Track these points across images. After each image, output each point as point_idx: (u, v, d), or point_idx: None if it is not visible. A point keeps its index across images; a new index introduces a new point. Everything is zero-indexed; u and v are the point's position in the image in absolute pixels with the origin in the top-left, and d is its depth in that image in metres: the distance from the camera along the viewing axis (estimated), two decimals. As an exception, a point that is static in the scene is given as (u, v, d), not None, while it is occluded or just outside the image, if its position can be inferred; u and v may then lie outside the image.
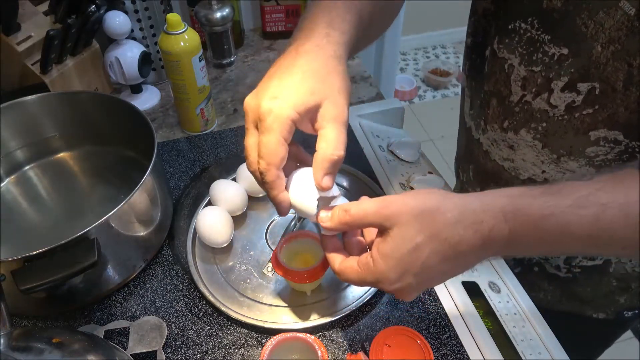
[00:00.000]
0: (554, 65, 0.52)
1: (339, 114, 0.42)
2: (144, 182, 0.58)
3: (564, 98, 0.52)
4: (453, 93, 2.62)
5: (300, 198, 0.44)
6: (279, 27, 1.09)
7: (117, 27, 0.84)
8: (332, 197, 0.45)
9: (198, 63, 0.76)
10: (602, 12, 0.46)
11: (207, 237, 0.63)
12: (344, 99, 0.43)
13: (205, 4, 0.93)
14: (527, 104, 0.56)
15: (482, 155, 0.67)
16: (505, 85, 0.58)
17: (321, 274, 0.55)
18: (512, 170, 0.63)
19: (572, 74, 0.51)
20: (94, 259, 0.50)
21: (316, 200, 0.44)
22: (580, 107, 0.52)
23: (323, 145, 0.42)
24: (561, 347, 0.55)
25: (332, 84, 0.43)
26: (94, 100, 0.74)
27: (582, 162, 0.55)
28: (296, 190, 0.45)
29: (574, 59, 0.50)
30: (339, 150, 0.42)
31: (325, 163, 0.42)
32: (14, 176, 0.74)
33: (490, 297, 0.58)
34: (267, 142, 0.41)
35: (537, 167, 0.60)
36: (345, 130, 0.43)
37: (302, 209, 0.45)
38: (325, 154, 0.42)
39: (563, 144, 0.55)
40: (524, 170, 0.61)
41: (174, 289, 0.61)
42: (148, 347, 0.53)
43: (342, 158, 0.42)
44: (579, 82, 0.50)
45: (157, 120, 0.90)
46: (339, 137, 0.42)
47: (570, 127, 0.54)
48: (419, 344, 0.51)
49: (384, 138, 0.81)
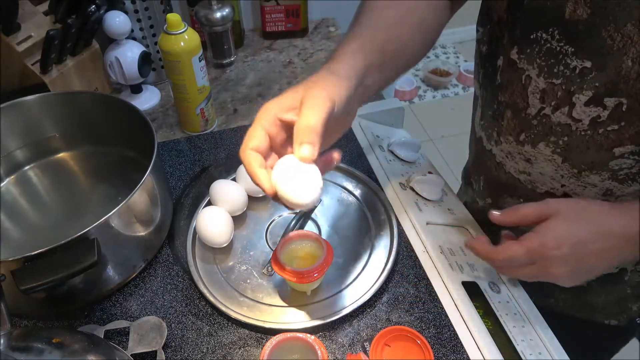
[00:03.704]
0: (576, 78, 0.49)
1: (316, 96, 0.43)
2: (144, 182, 0.58)
3: (588, 112, 0.50)
4: (453, 93, 2.62)
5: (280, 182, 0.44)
6: (279, 27, 1.09)
7: (117, 27, 0.84)
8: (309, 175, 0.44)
9: (198, 63, 0.76)
10: (631, 25, 0.44)
11: (207, 237, 0.63)
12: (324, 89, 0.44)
13: (205, 4, 0.93)
14: (546, 117, 0.54)
15: (495, 166, 0.65)
16: (522, 97, 0.56)
17: (321, 274, 0.55)
18: (528, 183, 0.61)
19: (597, 88, 0.48)
20: (94, 259, 0.50)
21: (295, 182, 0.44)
22: (605, 122, 0.50)
23: (297, 119, 0.44)
24: (561, 347, 0.55)
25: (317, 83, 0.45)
26: (94, 100, 0.74)
27: (605, 175, 0.53)
28: (276, 173, 0.45)
29: (598, 73, 0.48)
30: (308, 119, 0.42)
31: (297, 132, 0.43)
32: (14, 176, 0.74)
33: (490, 297, 0.58)
34: (249, 129, 0.46)
35: (556, 181, 0.57)
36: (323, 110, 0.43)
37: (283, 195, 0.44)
38: (297, 124, 0.43)
39: (585, 158, 0.53)
40: (542, 183, 0.59)
41: (174, 289, 0.61)
42: (148, 347, 0.53)
43: (312, 128, 0.42)
44: (605, 97, 0.48)
45: (157, 120, 0.90)
46: (310, 111, 0.43)
47: (593, 142, 0.52)
48: (419, 344, 0.51)
49: (384, 138, 0.81)
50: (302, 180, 0.44)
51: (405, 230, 0.66)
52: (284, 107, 0.45)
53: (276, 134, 0.46)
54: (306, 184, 0.44)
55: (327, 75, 0.46)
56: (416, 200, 0.70)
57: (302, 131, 0.43)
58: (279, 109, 0.45)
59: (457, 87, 2.66)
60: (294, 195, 0.44)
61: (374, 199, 0.71)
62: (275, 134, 0.46)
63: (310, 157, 0.43)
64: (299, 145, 0.43)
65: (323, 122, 0.42)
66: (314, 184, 0.44)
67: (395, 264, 0.62)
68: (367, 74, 0.49)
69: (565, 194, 0.57)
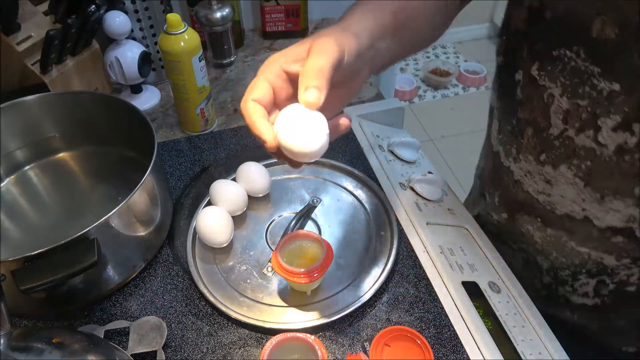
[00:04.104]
0: (603, 101, 0.46)
1: (325, 43, 0.41)
2: (144, 182, 0.58)
3: (614, 138, 0.47)
4: (453, 93, 2.62)
5: (283, 131, 0.41)
6: (279, 27, 1.09)
7: (117, 27, 0.84)
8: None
9: (198, 63, 0.76)
10: None
11: (207, 237, 0.63)
12: (333, 39, 0.41)
13: (205, 4, 0.93)
14: (569, 139, 0.51)
15: (513, 184, 0.61)
16: (544, 116, 0.52)
17: (321, 274, 0.55)
18: (547, 204, 0.57)
19: (625, 113, 0.45)
20: (94, 259, 0.50)
21: (299, 130, 0.40)
22: (632, 149, 0.46)
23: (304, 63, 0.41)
24: (561, 347, 0.55)
25: (326, 34, 0.43)
26: (94, 100, 0.74)
27: (630, 202, 0.50)
28: (278, 122, 0.41)
29: (627, 97, 0.45)
30: (315, 61, 0.40)
31: (302, 76, 0.40)
32: (14, 176, 0.74)
33: (490, 297, 0.58)
34: (252, 80, 0.43)
35: (577, 204, 0.54)
36: (331, 55, 0.40)
37: (285, 144, 0.41)
38: (303, 68, 0.41)
39: (608, 184, 0.50)
40: (562, 205, 0.56)
41: (174, 289, 0.61)
42: (148, 347, 0.53)
43: (319, 70, 0.40)
44: (634, 123, 0.45)
45: (157, 120, 0.90)
46: (318, 55, 0.40)
47: (618, 169, 0.48)
48: (419, 344, 0.51)
49: (384, 138, 0.81)
50: (307, 127, 0.40)
51: (405, 230, 0.66)
52: (290, 58, 0.42)
53: (281, 88, 0.43)
54: (311, 131, 0.40)
55: (336, 29, 0.44)
56: (416, 200, 0.70)
57: (308, 74, 0.39)
58: (285, 60, 0.42)
59: (457, 87, 2.66)
60: (297, 143, 0.40)
61: (374, 199, 0.71)
62: (279, 87, 0.43)
63: (317, 103, 0.39)
64: (304, 90, 0.39)
65: (331, 66, 0.39)
66: (320, 131, 0.40)
67: (395, 264, 0.62)
68: (379, 36, 0.47)
69: (586, 217, 0.54)
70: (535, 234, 0.60)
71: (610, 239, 0.53)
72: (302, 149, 0.40)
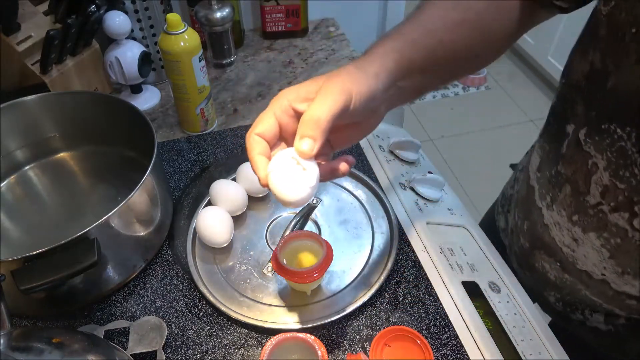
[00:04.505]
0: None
1: (330, 89, 0.41)
2: (144, 182, 0.58)
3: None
4: (453, 93, 2.62)
5: (273, 173, 0.42)
6: (279, 27, 1.09)
7: (117, 27, 0.84)
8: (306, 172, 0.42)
9: (198, 63, 0.76)
10: None
11: (207, 237, 0.63)
12: (342, 83, 0.41)
13: (205, 4, 0.93)
14: (603, 214, 0.48)
15: (541, 224, 0.59)
16: (585, 182, 0.49)
17: (321, 274, 0.55)
18: (570, 256, 0.55)
19: None
20: (94, 259, 0.50)
21: (287, 177, 0.41)
22: None
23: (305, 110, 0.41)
24: (561, 347, 0.55)
25: (339, 75, 0.42)
26: (94, 100, 0.74)
27: None
28: (273, 163, 0.42)
29: None
30: (315, 111, 0.40)
31: (301, 124, 0.41)
32: (14, 176, 0.74)
33: (490, 297, 0.58)
34: (261, 113, 0.44)
35: (597, 268, 0.52)
36: (334, 105, 0.40)
37: (271, 187, 0.42)
38: (303, 115, 0.41)
39: (632, 264, 0.49)
40: (583, 264, 0.54)
41: (174, 289, 0.61)
42: (148, 347, 0.53)
43: (317, 121, 0.40)
44: None
45: (157, 120, 0.90)
46: (320, 103, 0.40)
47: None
48: (419, 344, 0.51)
49: (384, 138, 0.81)
50: (294, 175, 0.41)
51: (405, 230, 0.66)
52: (299, 97, 0.43)
53: (287, 123, 0.43)
54: (297, 180, 0.41)
55: (351, 69, 0.43)
56: (416, 200, 0.70)
57: (305, 123, 0.40)
58: (294, 98, 0.43)
59: (457, 87, 2.66)
60: (281, 189, 0.41)
61: (374, 199, 0.71)
62: (286, 123, 0.43)
63: (309, 153, 0.40)
64: (299, 138, 0.40)
65: (331, 117, 0.40)
66: (305, 183, 0.41)
67: (395, 264, 0.62)
68: (404, 75, 0.46)
69: (604, 280, 0.53)
70: (551, 272, 0.60)
71: (625, 301, 0.53)
72: (285, 197, 0.42)
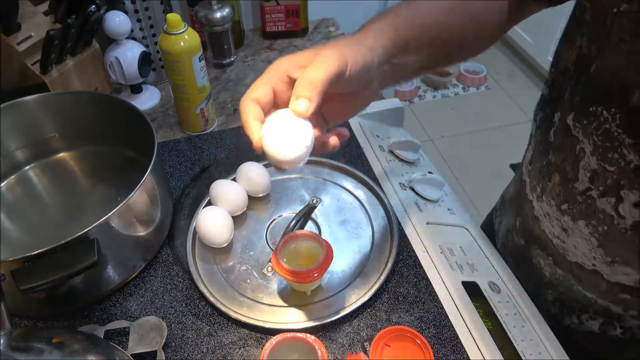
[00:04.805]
0: (629, 173, 0.44)
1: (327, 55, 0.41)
2: (144, 182, 0.58)
3: (633, 213, 0.45)
4: (453, 93, 2.62)
5: (267, 134, 0.42)
6: (279, 27, 1.09)
7: (117, 27, 0.84)
8: None
9: (198, 63, 0.76)
10: None
11: (207, 237, 0.63)
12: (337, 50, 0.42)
13: (205, 4, 0.93)
14: (592, 200, 0.49)
15: (532, 217, 0.60)
16: (573, 168, 0.50)
17: (321, 274, 0.55)
18: (560, 248, 0.56)
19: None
20: (94, 259, 0.50)
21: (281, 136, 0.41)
22: None
23: None
24: (561, 347, 0.55)
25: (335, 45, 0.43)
26: (94, 100, 0.74)
27: (637, 268, 0.49)
28: (267, 124, 0.42)
29: None
30: (311, 72, 0.40)
31: (296, 85, 0.41)
32: (14, 176, 0.74)
33: (490, 297, 0.58)
34: (256, 80, 0.44)
35: (587, 259, 0.53)
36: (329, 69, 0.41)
37: (266, 148, 0.42)
38: (299, 78, 0.41)
39: (621, 252, 0.49)
40: (574, 255, 0.54)
41: (174, 289, 0.61)
42: (148, 347, 0.53)
43: (312, 82, 0.40)
44: None
45: (157, 120, 0.90)
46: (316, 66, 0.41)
47: (632, 243, 0.47)
48: (419, 344, 0.51)
49: (384, 138, 0.81)
50: (289, 135, 0.41)
51: (405, 230, 0.66)
52: (295, 64, 0.43)
53: (282, 91, 0.44)
54: (293, 140, 0.41)
55: (347, 41, 0.44)
56: (416, 200, 0.70)
57: (302, 84, 0.41)
58: (290, 65, 0.43)
59: (457, 87, 2.66)
60: (275, 149, 0.41)
61: (374, 199, 0.71)
62: (281, 90, 0.44)
63: (305, 112, 0.41)
64: (295, 98, 0.41)
65: (327, 79, 0.40)
66: (301, 141, 0.41)
67: (395, 264, 0.62)
68: (398, 52, 0.46)
69: (595, 271, 0.53)
70: (545, 269, 0.60)
71: (618, 295, 0.52)
72: (279, 156, 0.41)
